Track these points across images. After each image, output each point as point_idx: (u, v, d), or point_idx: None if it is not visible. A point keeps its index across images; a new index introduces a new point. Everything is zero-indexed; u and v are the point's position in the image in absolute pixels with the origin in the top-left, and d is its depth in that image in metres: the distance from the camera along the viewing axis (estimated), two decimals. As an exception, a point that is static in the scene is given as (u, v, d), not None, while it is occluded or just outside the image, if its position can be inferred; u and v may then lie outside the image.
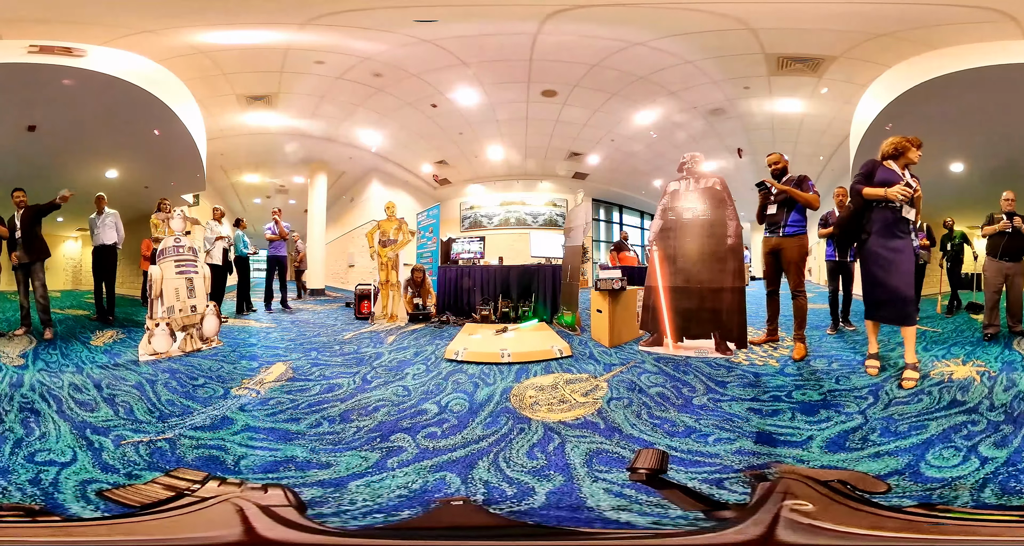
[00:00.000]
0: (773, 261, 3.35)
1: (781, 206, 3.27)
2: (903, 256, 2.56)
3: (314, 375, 2.87)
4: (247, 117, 5.61)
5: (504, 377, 2.75)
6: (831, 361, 2.99)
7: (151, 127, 4.87)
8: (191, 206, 5.91)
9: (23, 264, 3.95)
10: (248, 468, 1.70)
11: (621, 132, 6.42)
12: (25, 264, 3.95)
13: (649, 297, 3.58)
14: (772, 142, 5.88)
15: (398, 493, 1.52)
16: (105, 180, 5.26)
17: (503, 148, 7.00)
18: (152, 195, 4.98)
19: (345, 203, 8.08)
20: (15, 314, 4.11)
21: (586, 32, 4.46)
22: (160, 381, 2.69)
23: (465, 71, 5.05)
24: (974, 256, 5.02)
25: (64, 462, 1.70)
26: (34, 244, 4.00)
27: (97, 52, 4.05)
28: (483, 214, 8.15)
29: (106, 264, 4.75)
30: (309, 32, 4.28)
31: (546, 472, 1.65)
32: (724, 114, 5.77)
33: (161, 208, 4.88)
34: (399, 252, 5.37)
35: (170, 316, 3.46)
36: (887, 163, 2.67)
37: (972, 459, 1.64)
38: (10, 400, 2.31)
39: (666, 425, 2.05)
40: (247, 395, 2.48)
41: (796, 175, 3.34)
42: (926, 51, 4.13)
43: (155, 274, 3.52)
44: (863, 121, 4.89)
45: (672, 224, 3.57)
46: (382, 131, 6.46)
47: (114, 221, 4.77)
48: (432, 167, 7.57)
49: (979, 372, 2.52)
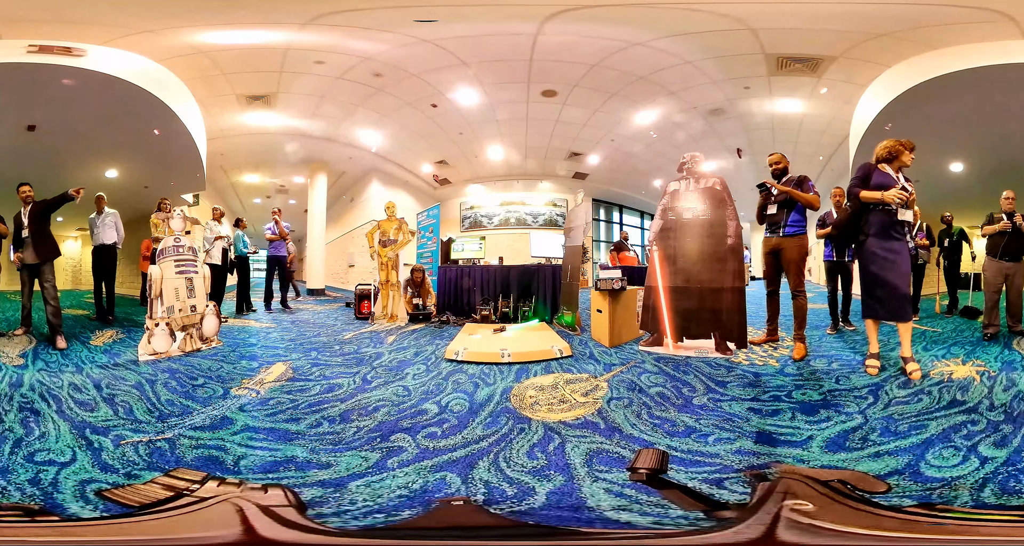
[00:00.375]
0: (773, 261, 3.35)
1: (781, 206, 3.28)
2: (900, 257, 2.67)
3: (314, 375, 2.87)
4: (247, 117, 5.61)
5: (504, 377, 2.75)
6: (831, 361, 2.99)
7: (151, 127, 4.87)
8: (191, 206, 5.91)
9: (29, 264, 3.66)
10: (248, 468, 1.70)
11: (621, 132, 6.42)
12: (33, 264, 3.65)
13: (649, 297, 3.58)
14: (772, 142, 5.88)
15: (398, 493, 1.52)
16: (105, 180, 5.26)
17: (503, 148, 7.01)
18: (152, 195, 4.98)
19: (345, 203, 8.08)
20: (15, 314, 4.11)
21: (586, 32, 4.46)
22: (160, 381, 2.68)
23: (465, 71, 5.05)
24: (972, 256, 4.97)
25: (64, 462, 1.70)
26: (45, 243, 3.72)
27: (97, 52, 4.05)
28: (483, 214, 8.15)
29: (106, 264, 4.74)
30: (309, 32, 4.29)
31: (546, 472, 1.65)
32: (724, 114, 5.77)
33: (161, 208, 4.88)
34: (399, 252, 5.37)
35: (170, 316, 3.46)
36: (881, 166, 2.75)
37: (972, 459, 1.64)
38: (10, 400, 2.31)
39: (666, 425, 2.05)
40: (247, 395, 2.48)
41: (796, 175, 3.34)
42: (926, 51, 4.13)
43: (155, 274, 3.52)
44: (863, 121, 4.89)
45: (672, 224, 3.57)
46: (382, 131, 6.46)
47: (114, 221, 4.77)
48: (432, 167, 7.57)
49: (979, 372, 2.53)
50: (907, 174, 2.78)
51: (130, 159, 5.29)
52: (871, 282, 2.73)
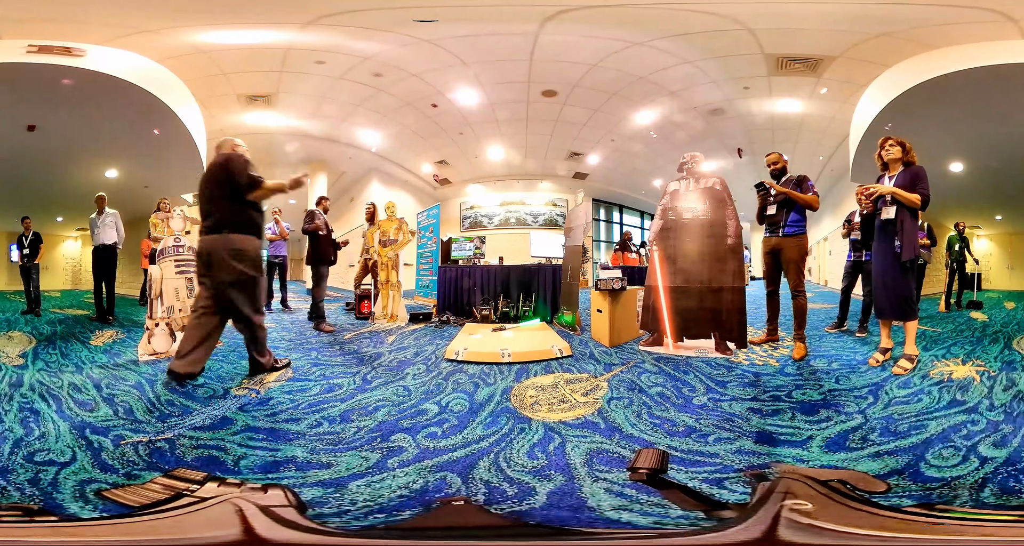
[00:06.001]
0: (773, 261, 3.35)
1: (780, 206, 3.28)
2: (888, 257, 2.74)
3: (314, 375, 2.87)
4: (247, 117, 5.61)
5: (504, 377, 2.75)
6: (831, 361, 2.99)
7: (151, 127, 4.87)
8: (191, 206, 5.91)
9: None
10: (248, 468, 1.70)
11: (621, 132, 6.42)
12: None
13: (649, 297, 3.58)
14: (772, 142, 5.88)
15: (399, 493, 1.52)
16: (105, 180, 5.26)
17: (503, 148, 7.01)
18: (152, 195, 4.98)
19: (345, 203, 8.08)
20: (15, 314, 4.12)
21: (586, 32, 4.46)
22: (160, 381, 2.68)
23: (465, 71, 5.05)
24: (975, 260, 5.16)
25: (63, 462, 1.70)
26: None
27: (97, 52, 4.05)
28: (483, 214, 8.15)
29: (106, 264, 4.74)
30: (310, 32, 4.29)
31: (547, 472, 1.65)
32: (724, 114, 5.78)
33: (161, 208, 4.88)
34: (399, 252, 5.37)
35: (170, 316, 3.46)
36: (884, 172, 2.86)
37: (971, 459, 1.64)
38: (9, 399, 2.31)
39: (666, 425, 2.05)
40: (247, 395, 2.48)
41: (795, 175, 3.34)
42: (925, 51, 4.13)
43: (155, 274, 3.52)
44: (862, 121, 4.90)
45: (672, 224, 3.57)
46: (382, 131, 6.47)
47: (114, 221, 4.77)
48: (432, 167, 7.57)
49: (979, 372, 2.53)
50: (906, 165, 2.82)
51: (130, 159, 5.30)
52: (874, 284, 2.91)
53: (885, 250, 2.75)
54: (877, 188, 2.73)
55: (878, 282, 2.84)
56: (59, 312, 5.22)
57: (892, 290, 2.75)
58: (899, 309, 2.75)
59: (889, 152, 2.76)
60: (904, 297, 2.72)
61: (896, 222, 2.68)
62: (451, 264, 5.89)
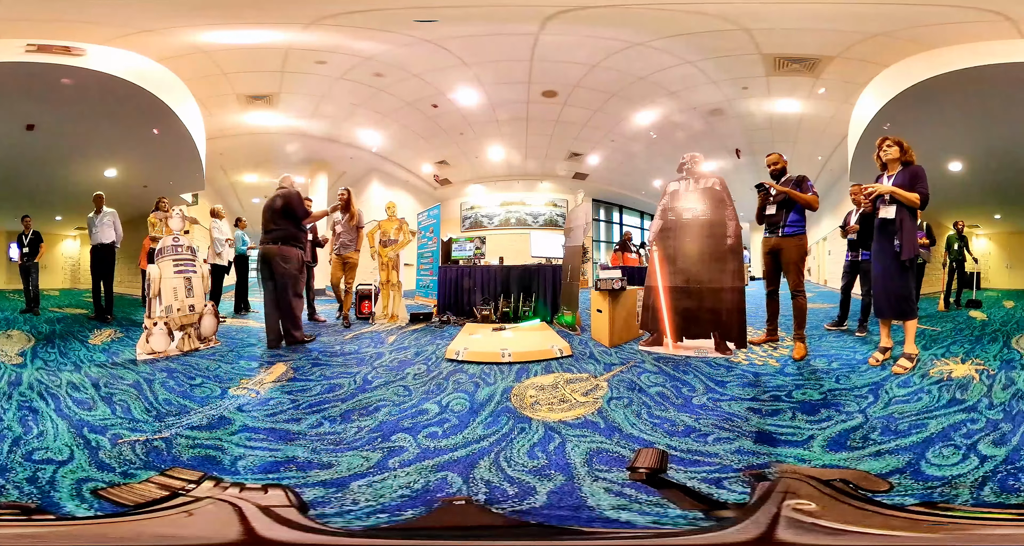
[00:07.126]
0: (772, 261, 3.35)
1: (780, 206, 3.28)
2: (888, 256, 2.75)
3: (315, 375, 2.86)
4: (247, 117, 5.61)
5: (504, 377, 2.75)
6: (831, 360, 2.99)
7: (151, 126, 4.86)
8: (190, 205, 5.90)
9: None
10: (247, 468, 1.69)
11: (621, 132, 6.43)
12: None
13: (649, 297, 3.58)
14: (771, 142, 5.89)
15: (400, 493, 1.52)
16: (104, 179, 5.26)
17: (503, 148, 7.01)
18: (151, 194, 4.98)
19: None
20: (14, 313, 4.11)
21: (586, 33, 4.47)
22: (158, 380, 2.68)
23: (466, 71, 5.06)
24: (975, 260, 5.19)
25: (61, 460, 1.69)
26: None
27: (97, 51, 4.05)
28: (483, 214, 8.16)
29: (104, 263, 4.73)
30: (311, 32, 4.29)
31: (547, 471, 1.64)
32: (723, 114, 5.79)
33: (160, 207, 4.87)
34: (400, 252, 5.37)
35: (168, 315, 3.45)
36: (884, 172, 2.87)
37: (971, 457, 1.64)
38: (8, 398, 2.30)
39: (666, 424, 2.05)
40: (246, 395, 2.47)
41: (795, 175, 3.35)
42: (923, 51, 4.14)
43: (153, 273, 3.51)
44: (861, 121, 4.91)
45: (672, 224, 3.57)
46: (383, 131, 6.47)
47: (112, 220, 4.76)
48: (432, 167, 7.58)
49: (978, 371, 2.53)
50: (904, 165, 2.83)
51: (129, 158, 5.29)
52: (873, 284, 2.92)
53: (884, 249, 2.75)
54: (876, 187, 2.73)
55: (877, 281, 2.85)
56: (58, 311, 5.22)
57: (891, 289, 2.75)
58: (898, 308, 2.76)
59: (887, 152, 2.76)
60: (903, 296, 2.72)
61: (895, 221, 2.68)
62: (451, 264, 5.88)
